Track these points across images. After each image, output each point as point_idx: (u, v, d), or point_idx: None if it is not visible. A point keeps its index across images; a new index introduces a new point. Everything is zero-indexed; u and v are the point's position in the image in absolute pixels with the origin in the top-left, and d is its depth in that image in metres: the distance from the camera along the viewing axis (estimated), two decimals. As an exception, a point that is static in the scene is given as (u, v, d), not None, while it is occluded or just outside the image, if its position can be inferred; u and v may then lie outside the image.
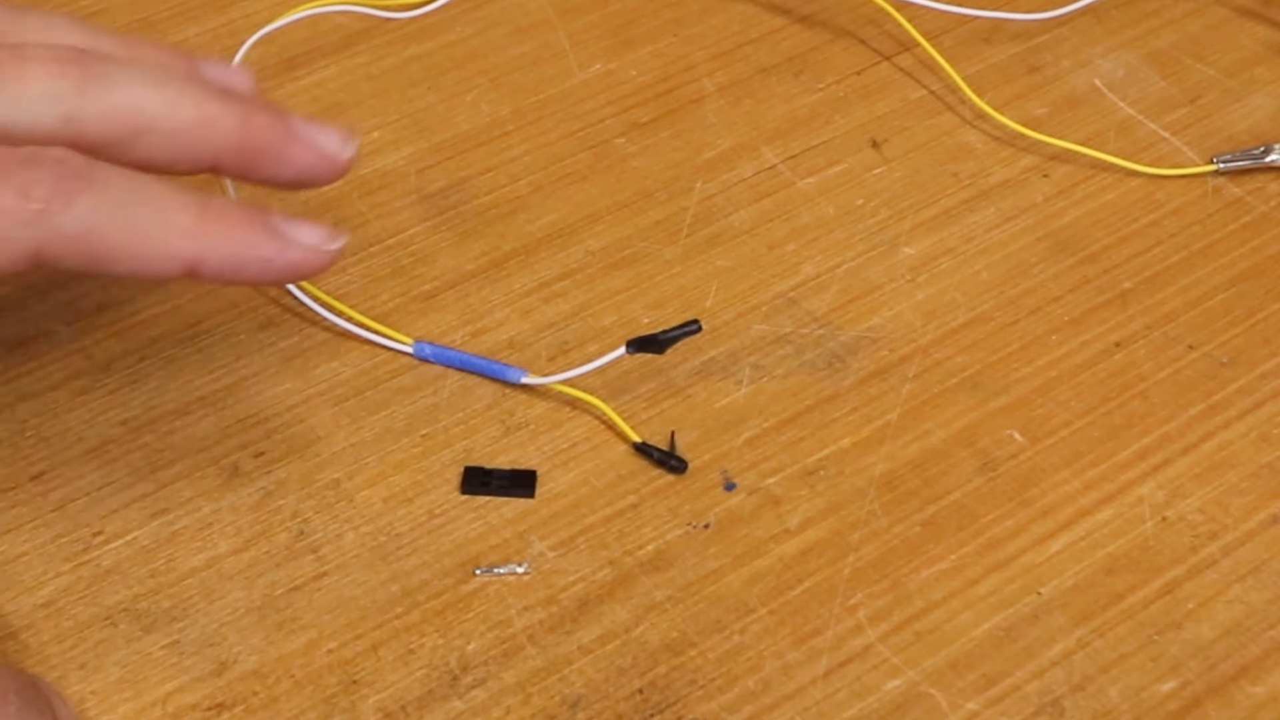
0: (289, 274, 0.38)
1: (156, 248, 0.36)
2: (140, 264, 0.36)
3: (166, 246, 0.36)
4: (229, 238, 0.37)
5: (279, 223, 0.38)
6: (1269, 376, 0.46)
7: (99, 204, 0.35)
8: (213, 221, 0.36)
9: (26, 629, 0.40)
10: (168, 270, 0.36)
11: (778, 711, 0.39)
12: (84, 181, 0.35)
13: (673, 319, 0.46)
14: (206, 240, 0.36)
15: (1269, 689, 0.39)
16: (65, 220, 0.35)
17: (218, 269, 0.37)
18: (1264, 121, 0.53)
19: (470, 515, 0.42)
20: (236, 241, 0.37)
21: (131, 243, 0.36)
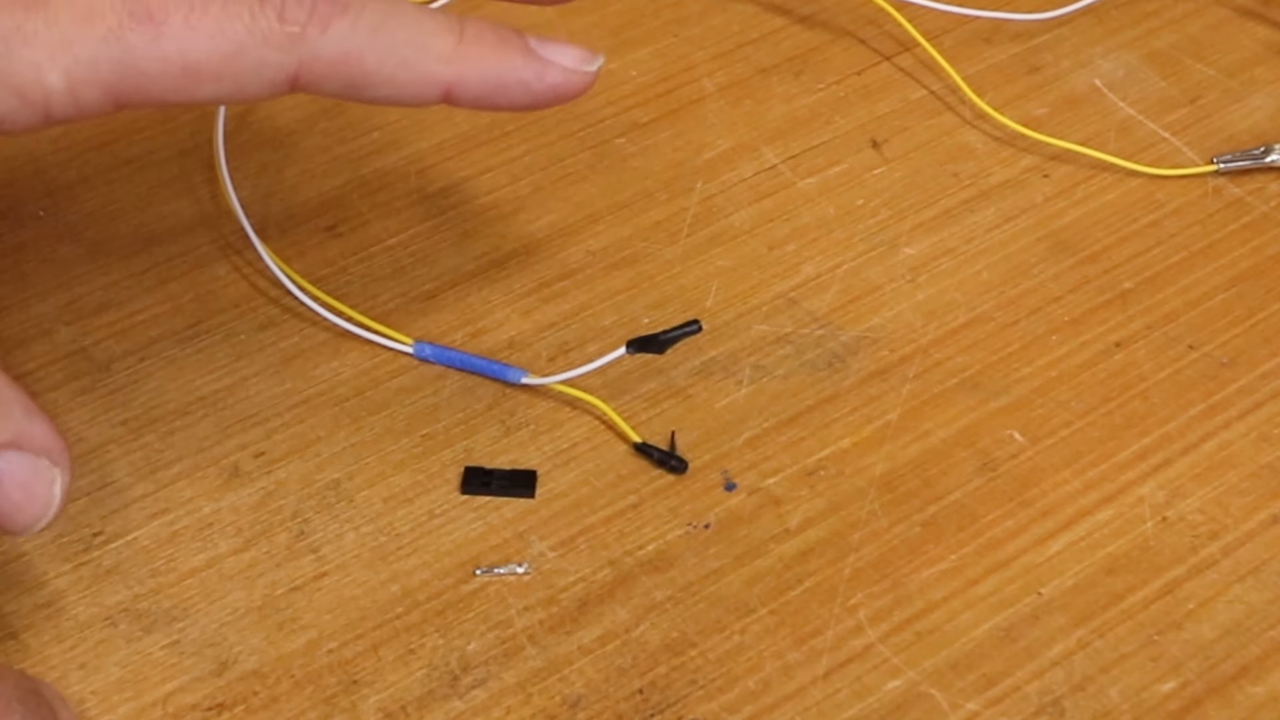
0: (548, 97, 0.38)
1: (415, 72, 0.36)
2: (398, 89, 0.36)
3: (425, 71, 0.36)
4: (488, 61, 0.36)
5: (536, 44, 0.37)
6: (1269, 376, 0.46)
7: (356, 26, 0.35)
8: (470, 44, 0.36)
9: (26, 629, 0.40)
10: (426, 95, 0.36)
11: (778, 711, 0.39)
12: (341, 3, 0.35)
13: (673, 319, 0.46)
14: (465, 64, 0.36)
15: (1269, 689, 0.39)
16: (323, 43, 0.35)
17: (477, 93, 0.37)
18: (1264, 121, 0.53)
19: (470, 515, 0.42)
20: (496, 64, 0.37)
21: (389, 66, 0.36)
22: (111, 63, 0.34)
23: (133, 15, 0.34)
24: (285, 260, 0.47)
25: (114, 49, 0.34)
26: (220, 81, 0.35)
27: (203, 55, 0.34)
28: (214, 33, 0.34)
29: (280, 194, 0.50)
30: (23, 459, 0.35)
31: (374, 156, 0.51)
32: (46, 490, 0.36)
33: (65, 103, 0.34)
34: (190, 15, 0.34)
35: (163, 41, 0.34)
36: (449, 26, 0.36)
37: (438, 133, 0.52)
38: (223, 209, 0.49)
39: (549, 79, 0.37)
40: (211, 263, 0.48)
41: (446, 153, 0.51)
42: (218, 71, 0.35)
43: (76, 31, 0.34)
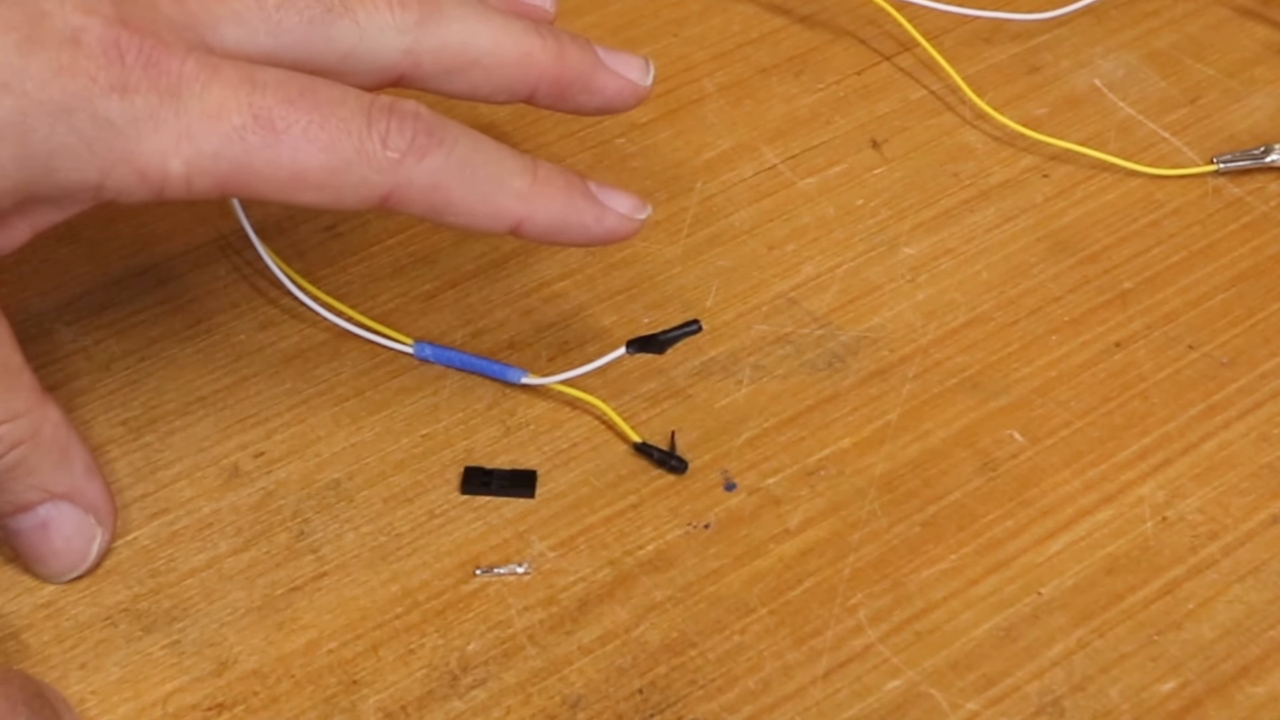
0: (602, 239, 0.41)
1: (492, 206, 0.39)
2: (474, 219, 0.39)
3: (501, 206, 0.39)
4: (556, 202, 0.40)
5: (597, 190, 0.41)
6: (1269, 376, 0.46)
7: (448, 160, 0.38)
8: (542, 185, 0.39)
9: (26, 629, 0.40)
10: (497, 228, 0.39)
11: (778, 711, 0.39)
12: (437, 138, 0.38)
13: (673, 319, 0.46)
14: (536, 204, 0.39)
15: (1269, 689, 0.39)
16: (417, 171, 0.38)
17: (544, 230, 0.40)
18: (1264, 121, 0.53)
19: (470, 515, 0.42)
20: (562, 206, 0.40)
21: (471, 200, 0.39)
22: (230, 160, 0.37)
23: (257, 120, 0.37)
24: (285, 260, 0.47)
25: (235, 148, 0.37)
26: (321, 191, 0.38)
27: (312, 166, 0.37)
28: (326, 147, 0.37)
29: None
30: (72, 512, 0.39)
31: (374, 156, 0.51)
32: (85, 545, 0.40)
33: (179, 187, 0.37)
34: (308, 129, 0.37)
35: (279, 148, 0.37)
36: (526, 168, 0.39)
37: (438, 133, 0.52)
38: (223, 209, 0.49)
39: (607, 223, 0.40)
40: (211, 263, 0.48)
41: (446, 153, 0.51)
42: (321, 182, 0.37)
43: (204, 126, 0.37)
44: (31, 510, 0.39)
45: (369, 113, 0.38)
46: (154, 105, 0.36)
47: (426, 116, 0.38)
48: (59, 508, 0.39)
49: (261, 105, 0.37)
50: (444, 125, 0.38)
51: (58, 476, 0.39)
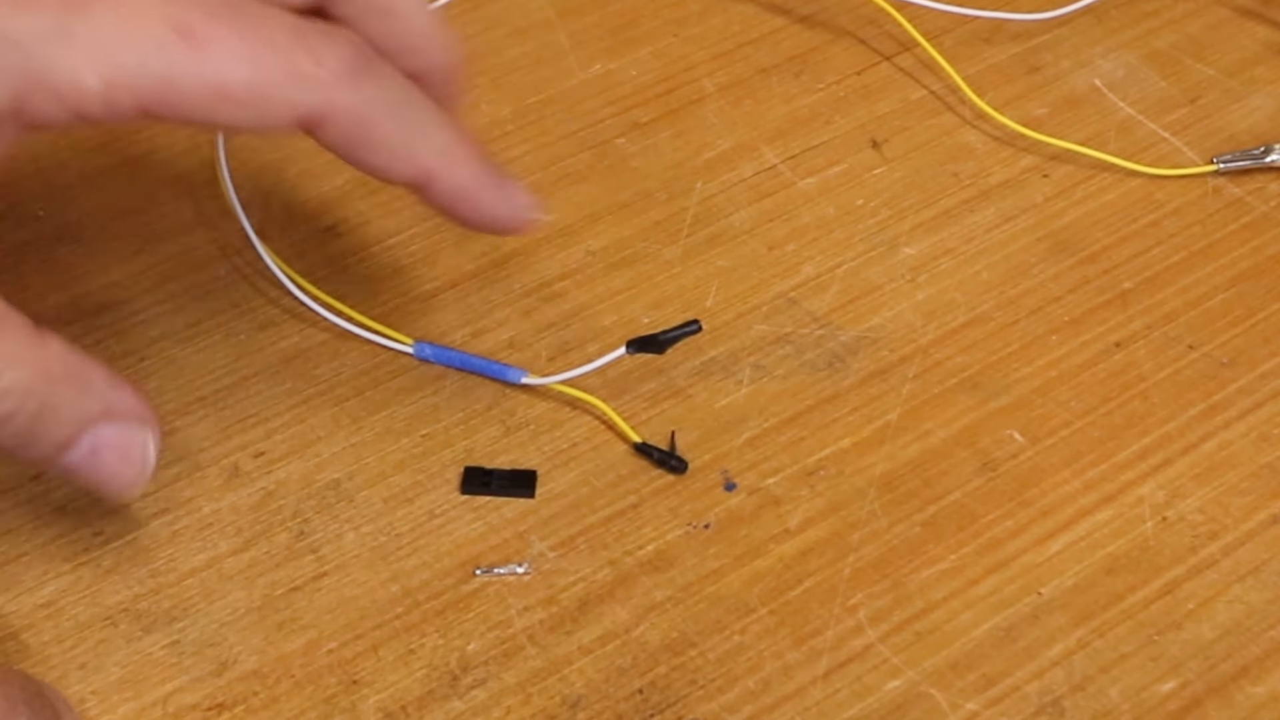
0: (497, 224, 0.39)
1: (411, 152, 0.37)
2: (389, 161, 0.37)
3: (419, 155, 0.37)
4: (470, 168, 0.38)
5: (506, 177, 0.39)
6: (1269, 376, 0.46)
7: (381, 92, 0.36)
8: (462, 150, 0.38)
9: (26, 629, 0.40)
10: (410, 176, 0.38)
11: (778, 711, 0.39)
12: (374, 67, 0.36)
13: (673, 319, 0.46)
14: (452, 163, 0.38)
15: (1269, 689, 0.39)
16: (348, 95, 0.36)
17: (448, 192, 0.38)
18: (1264, 121, 0.53)
19: (470, 515, 0.42)
20: (475, 175, 0.38)
21: (394, 139, 0.37)
22: (150, 75, 0.35)
23: (178, 31, 0.34)
24: (285, 260, 0.47)
25: (155, 61, 0.34)
26: (244, 108, 0.35)
27: (236, 81, 0.35)
28: (252, 61, 0.35)
29: (280, 194, 0.50)
30: (114, 428, 0.37)
31: (374, 156, 0.51)
32: (141, 453, 0.38)
33: (98, 105, 0.35)
34: (232, 41, 0.35)
35: (203, 62, 0.35)
36: (452, 124, 0.38)
37: (438, 133, 0.52)
38: (223, 209, 0.49)
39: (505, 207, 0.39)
40: (211, 263, 0.48)
41: (446, 153, 0.51)
42: (245, 99, 0.35)
43: (120, 38, 0.34)
44: (75, 444, 0.37)
45: (299, 32, 0.36)
46: (61, 19, 0.34)
47: (363, 45, 0.36)
48: (100, 431, 0.37)
49: (182, 17, 0.34)
50: (380, 60, 0.37)
51: (85, 403, 0.37)
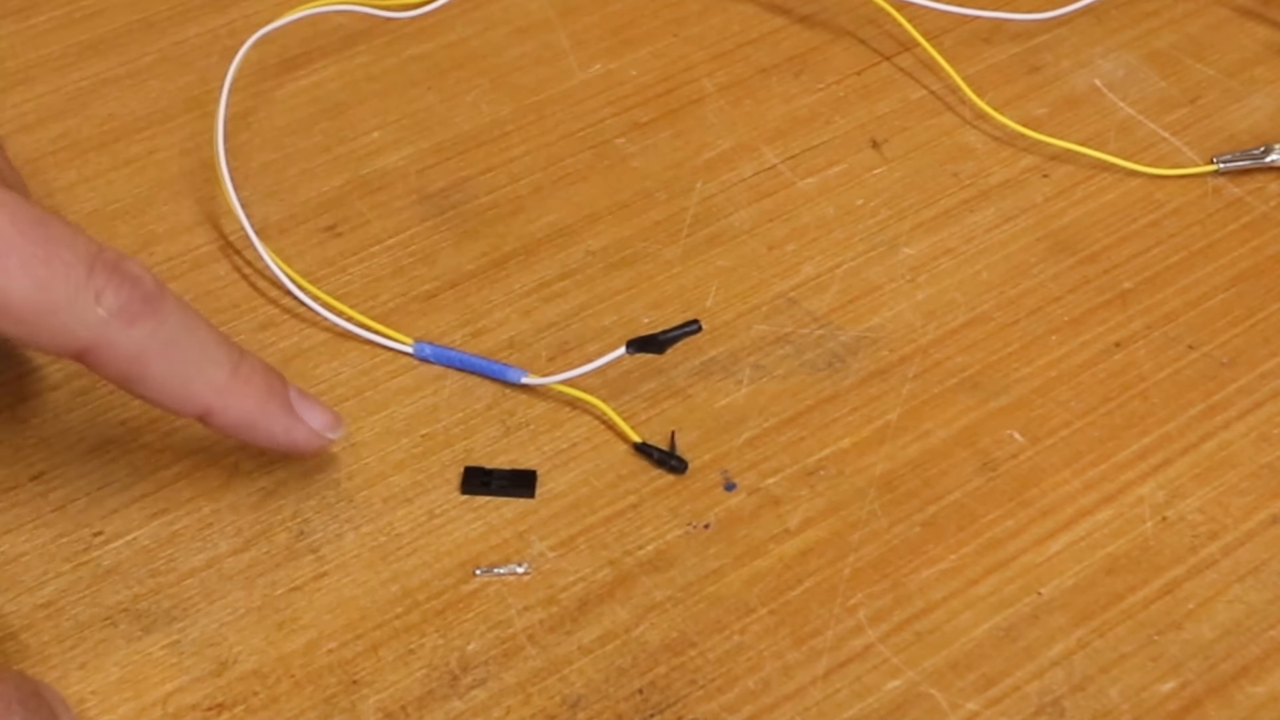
0: (287, 449, 0.41)
1: (185, 391, 0.38)
2: (165, 398, 0.38)
3: (194, 394, 0.38)
4: (250, 402, 0.39)
5: (296, 398, 0.40)
6: (1269, 376, 0.46)
7: (155, 334, 0.37)
8: (242, 382, 0.39)
9: (26, 629, 0.40)
10: (184, 412, 0.39)
11: (778, 711, 0.39)
12: (151, 307, 0.37)
13: (673, 319, 0.46)
14: (230, 399, 0.39)
15: (1269, 689, 0.39)
16: (121, 337, 0.37)
17: (228, 425, 0.39)
18: (1264, 121, 0.53)
19: (470, 515, 0.42)
20: (254, 409, 0.39)
21: (167, 379, 0.38)
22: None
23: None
24: (285, 260, 0.47)
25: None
26: (21, 325, 0.36)
27: (19, 299, 0.35)
28: (40, 284, 0.35)
29: (280, 194, 0.50)
30: None
31: (374, 156, 0.51)
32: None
33: None
34: (29, 261, 0.35)
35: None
36: (229, 360, 0.39)
37: (438, 133, 0.52)
38: (223, 209, 0.49)
39: (295, 435, 0.40)
40: (211, 263, 0.48)
41: (446, 153, 0.51)
42: (24, 317, 0.36)
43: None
44: None
45: (93, 263, 0.36)
46: None
47: (147, 283, 0.37)
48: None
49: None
50: (161, 297, 0.37)
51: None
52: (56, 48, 0.55)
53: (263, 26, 0.51)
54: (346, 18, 0.55)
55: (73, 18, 0.56)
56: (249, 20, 0.55)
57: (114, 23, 0.55)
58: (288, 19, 0.51)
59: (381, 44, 0.55)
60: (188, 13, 0.56)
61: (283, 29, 0.52)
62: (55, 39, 0.55)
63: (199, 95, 0.53)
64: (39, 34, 0.55)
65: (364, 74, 0.54)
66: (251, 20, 0.55)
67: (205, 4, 0.56)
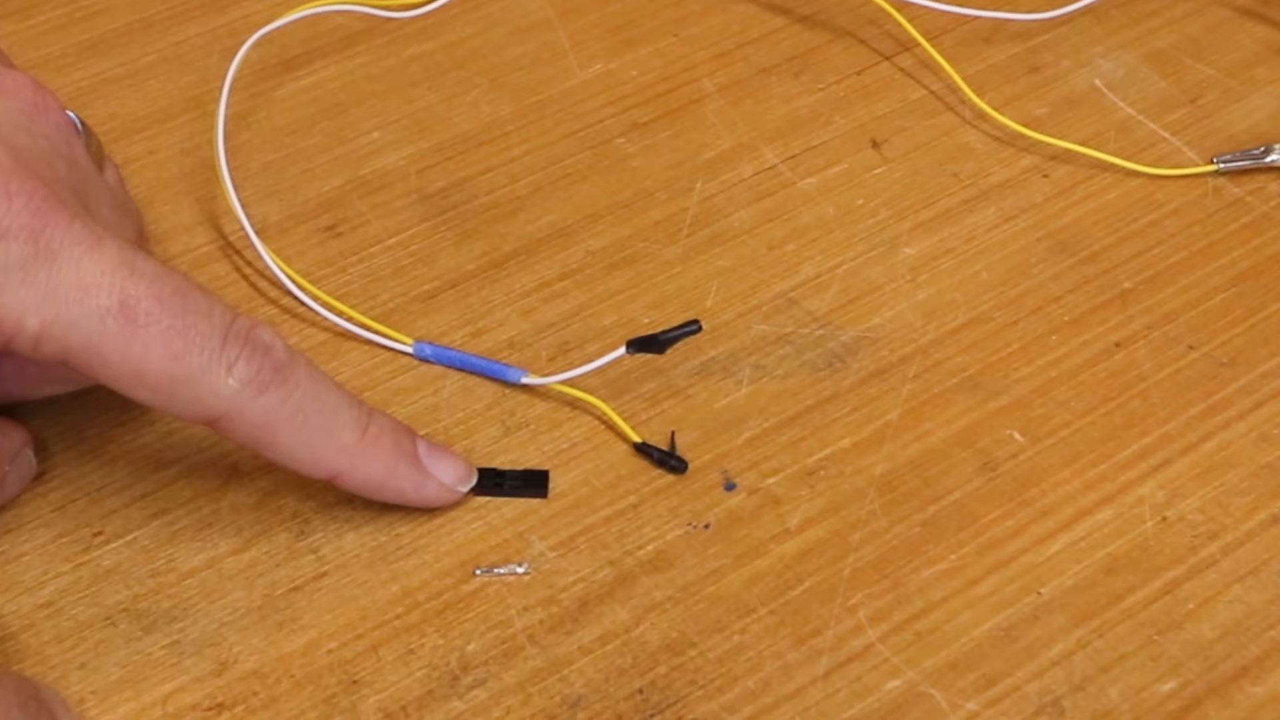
0: (418, 505, 0.41)
1: (315, 455, 0.39)
2: (294, 463, 0.39)
3: (323, 457, 0.39)
4: (379, 462, 0.40)
5: (425, 453, 0.41)
6: (1269, 376, 0.46)
7: (284, 403, 0.38)
8: (369, 444, 0.40)
9: (26, 629, 0.40)
10: (315, 474, 0.40)
11: (778, 711, 0.39)
12: (280, 376, 0.38)
13: (673, 319, 0.46)
14: (358, 461, 0.40)
15: (1269, 689, 0.39)
16: (251, 406, 0.38)
17: (359, 485, 0.40)
18: (1264, 121, 0.53)
19: (470, 515, 0.42)
20: (383, 468, 0.40)
21: (296, 444, 0.39)
22: (81, 337, 0.36)
23: (123, 307, 0.36)
24: (285, 260, 0.47)
25: (90, 327, 0.36)
26: (156, 394, 0.37)
27: (156, 368, 0.37)
28: (176, 356, 0.37)
29: (280, 194, 0.50)
30: None
31: (374, 156, 0.51)
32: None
33: (27, 344, 0.36)
34: (167, 333, 0.37)
35: (133, 342, 0.36)
36: (358, 422, 0.40)
37: (438, 133, 0.52)
38: (223, 209, 0.49)
39: (425, 492, 0.41)
40: (211, 263, 0.48)
41: (446, 153, 0.51)
42: (159, 386, 0.37)
43: (71, 295, 0.36)
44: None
45: (227, 333, 0.37)
46: (28, 258, 0.36)
47: (278, 352, 0.38)
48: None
49: (132, 294, 0.36)
50: (292, 365, 0.38)
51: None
52: (56, 48, 0.55)
53: (263, 26, 0.51)
54: (346, 18, 0.55)
55: (73, 18, 0.56)
56: (249, 20, 0.55)
57: (114, 23, 0.55)
58: (288, 19, 0.51)
59: (381, 44, 0.55)
60: (188, 13, 0.56)
61: (283, 29, 0.52)
62: (55, 39, 0.55)
63: (199, 95, 0.53)
64: (39, 34, 0.55)
65: (364, 74, 0.54)
66: (251, 20, 0.55)
67: (205, 4, 0.56)
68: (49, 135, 0.40)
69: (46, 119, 0.40)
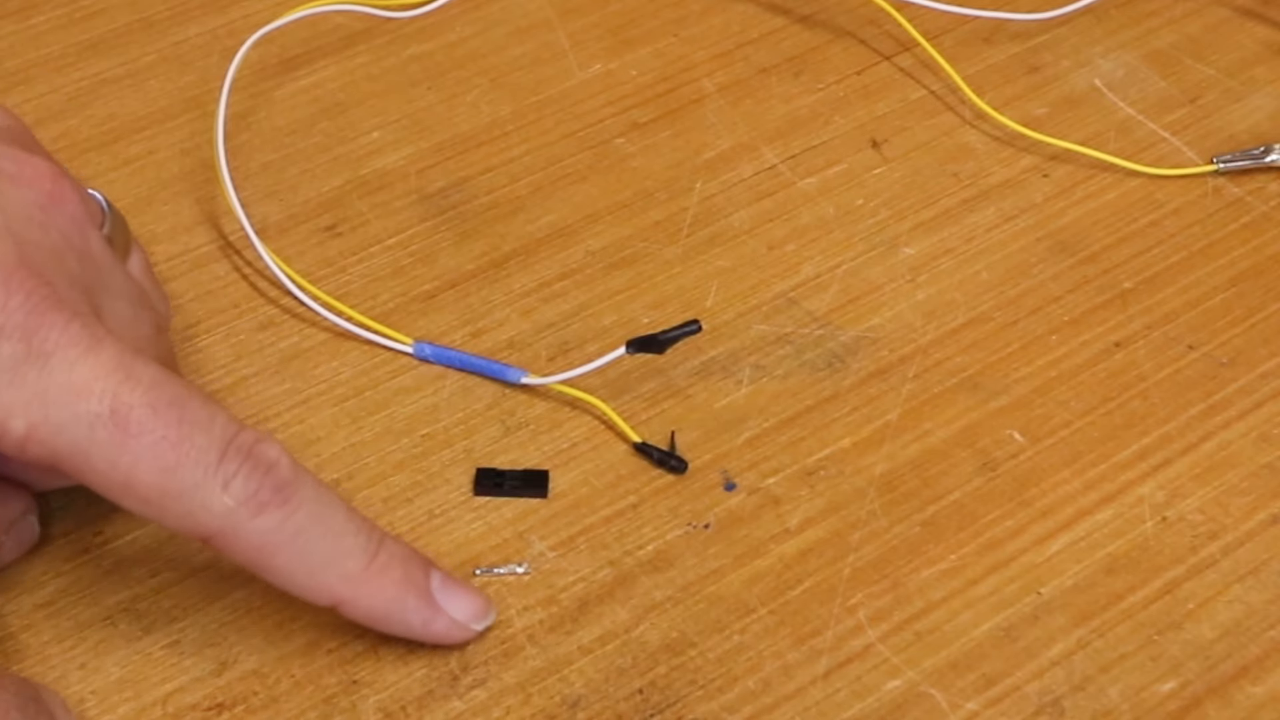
0: (427, 640, 0.39)
1: (316, 582, 0.37)
2: (293, 587, 0.37)
3: (324, 584, 0.37)
4: (385, 595, 0.37)
5: (439, 586, 0.38)
6: (1269, 376, 0.46)
7: (284, 524, 0.36)
8: (375, 573, 0.37)
9: (26, 629, 0.40)
10: (314, 601, 0.37)
11: (778, 711, 0.39)
12: (282, 496, 0.36)
13: (673, 319, 0.46)
14: (362, 591, 0.37)
15: (1269, 689, 0.39)
16: (247, 526, 0.36)
17: (361, 616, 0.38)
18: (1264, 121, 0.53)
19: (470, 515, 0.42)
20: (390, 601, 0.37)
21: (295, 569, 0.36)
22: (69, 442, 0.35)
23: (114, 414, 0.35)
24: (285, 260, 0.47)
25: (78, 433, 0.35)
26: (147, 506, 0.35)
27: (147, 480, 0.35)
28: (168, 469, 0.35)
29: (280, 194, 0.50)
30: None
31: (374, 156, 0.51)
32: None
33: (11, 445, 0.35)
34: (159, 444, 0.35)
35: (123, 451, 0.35)
36: (364, 549, 0.37)
37: (438, 133, 0.52)
38: (223, 209, 0.49)
39: (434, 628, 0.38)
40: (211, 263, 0.48)
41: (446, 153, 0.51)
42: (150, 499, 0.35)
43: (61, 397, 0.34)
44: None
45: (225, 448, 0.35)
46: (20, 358, 0.34)
47: (282, 469, 0.36)
48: None
49: (125, 401, 0.35)
50: (297, 483, 0.36)
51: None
52: (56, 48, 0.55)
53: (263, 26, 0.51)
54: (346, 18, 0.55)
55: (73, 18, 0.56)
56: (249, 20, 0.55)
57: (114, 23, 0.55)
58: (288, 19, 0.51)
59: (381, 44, 0.55)
60: (188, 13, 0.56)
61: (283, 29, 0.52)
62: (55, 39, 0.55)
63: (199, 95, 0.53)
64: (39, 34, 0.55)
65: (364, 74, 0.54)
66: (251, 20, 0.55)
67: (205, 4, 0.56)
68: (62, 228, 0.38)
69: (62, 211, 0.38)
